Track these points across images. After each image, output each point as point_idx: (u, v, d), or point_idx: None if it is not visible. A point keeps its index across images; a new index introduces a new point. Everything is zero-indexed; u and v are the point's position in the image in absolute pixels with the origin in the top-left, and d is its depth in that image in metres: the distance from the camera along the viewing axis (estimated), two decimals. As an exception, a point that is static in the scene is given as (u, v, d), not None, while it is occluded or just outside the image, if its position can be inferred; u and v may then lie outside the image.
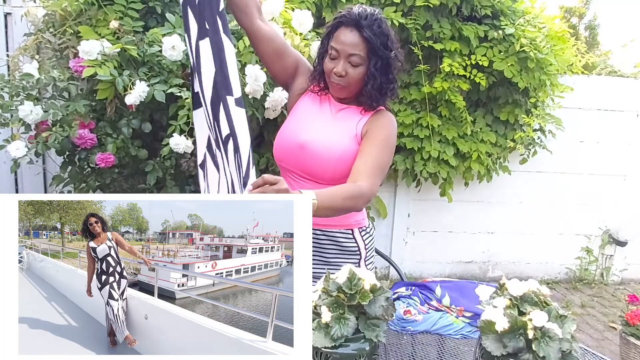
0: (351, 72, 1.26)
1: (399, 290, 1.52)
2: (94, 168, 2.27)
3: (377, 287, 0.96)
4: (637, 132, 3.70)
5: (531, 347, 0.85)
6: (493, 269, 3.84)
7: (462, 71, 2.89)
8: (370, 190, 1.18)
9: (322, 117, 1.35)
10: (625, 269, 3.90)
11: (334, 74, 1.28)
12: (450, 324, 1.37)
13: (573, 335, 0.87)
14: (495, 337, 0.89)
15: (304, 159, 1.31)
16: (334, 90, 1.32)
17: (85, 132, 1.93)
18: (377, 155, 1.25)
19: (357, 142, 1.30)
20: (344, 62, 1.25)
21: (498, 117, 3.20)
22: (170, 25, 1.91)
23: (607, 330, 3.08)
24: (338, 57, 1.26)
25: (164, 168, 2.25)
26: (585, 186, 3.75)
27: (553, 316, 0.88)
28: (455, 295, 1.45)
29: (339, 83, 1.28)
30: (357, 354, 0.92)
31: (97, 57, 1.75)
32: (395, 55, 1.29)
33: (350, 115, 1.35)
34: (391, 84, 1.32)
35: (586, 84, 3.58)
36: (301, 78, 1.42)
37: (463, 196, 3.59)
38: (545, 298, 0.93)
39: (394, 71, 1.31)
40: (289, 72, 1.42)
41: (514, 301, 0.93)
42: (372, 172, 1.22)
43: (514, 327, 0.87)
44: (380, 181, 1.25)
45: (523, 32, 2.81)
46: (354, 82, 1.28)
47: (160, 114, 2.12)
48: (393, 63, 1.29)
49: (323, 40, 1.34)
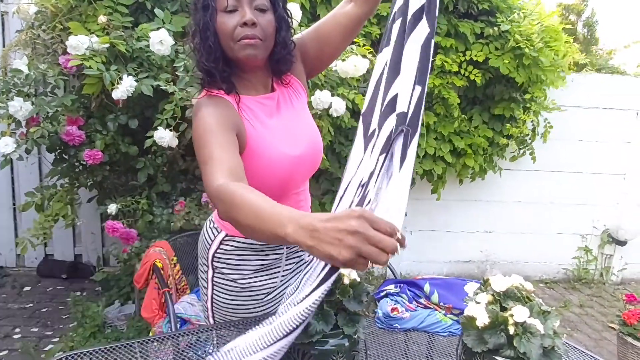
0: (262, 20, 0.97)
1: (388, 287, 1.50)
2: (85, 165, 2.26)
3: (357, 282, 0.94)
4: (636, 131, 3.66)
5: (512, 343, 0.83)
6: (491, 268, 3.81)
7: (456, 67, 2.87)
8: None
9: (286, 115, 1.09)
10: (625, 268, 3.86)
11: (241, 27, 0.95)
12: (438, 322, 1.35)
13: (556, 331, 0.85)
14: (476, 333, 0.87)
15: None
16: (246, 54, 0.97)
17: (74, 128, 1.92)
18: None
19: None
20: (249, 9, 0.95)
21: (494, 114, 3.18)
22: (160, 20, 1.89)
23: (605, 330, 3.04)
24: (237, 5, 0.95)
25: (156, 165, 2.24)
26: (585, 185, 3.72)
27: (535, 312, 0.85)
28: (444, 293, 1.43)
29: (253, 37, 0.95)
30: (336, 350, 0.90)
31: (85, 52, 1.74)
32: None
33: (292, 92, 1.12)
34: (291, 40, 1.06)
35: (585, 82, 3.55)
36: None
37: (461, 195, 3.56)
38: (528, 293, 0.90)
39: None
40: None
41: (496, 297, 0.91)
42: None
43: (494, 322, 0.85)
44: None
45: (518, 29, 2.79)
46: (269, 33, 0.98)
47: (152, 110, 2.11)
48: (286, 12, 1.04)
49: (198, 6, 0.97)
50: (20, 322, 2.64)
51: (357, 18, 1.09)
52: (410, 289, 1.48)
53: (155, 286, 1.79)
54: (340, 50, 1.17)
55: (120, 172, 2.42)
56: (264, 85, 1.08)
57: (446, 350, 1.27)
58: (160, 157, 2.24)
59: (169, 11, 2.04)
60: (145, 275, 1.82)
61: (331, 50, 1.15)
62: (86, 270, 3.26)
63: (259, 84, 1.07)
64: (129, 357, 0.99)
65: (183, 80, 1.76)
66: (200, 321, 1.74)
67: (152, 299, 1.78)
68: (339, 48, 1.15)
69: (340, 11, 1.10)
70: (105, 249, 3.26)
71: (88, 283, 3.15)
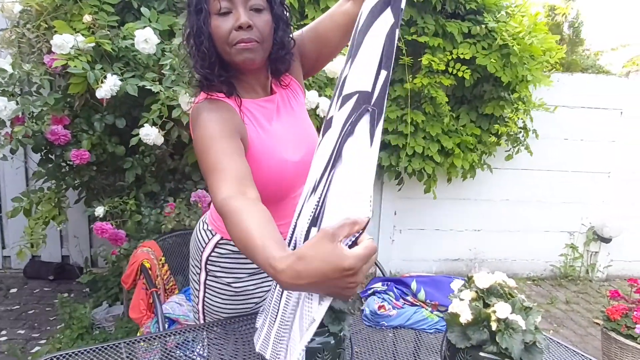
0: (258, 21, 0.92)
1: (375, 285, 1.51)
2: (72, 165, 2.24)
3: (342, 280, 0.95)
4: (621, 130, 3.72)
5: (495, 339, 0.84)
6: (479, 266, 3.85)
7: (443, 66, 2.90)
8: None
9: (286, 118, 1.07)
10: (610, 265, 3.93)
11: (236, 31, 0.90)
12: (424, 319, 1.36)
13: (537, 326, 0.86)
14: (460, 329, 0.88)
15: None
16: (243, 58, 0.93)
17: (59, 128, 1.90)
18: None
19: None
20: (243, 10, 0.90)
21: (483, 113, 3.21)
22: (146, 19, 1.88)
23: (590, 326, 3.09)
24: (231, 7, 0.91)
25: (144, 165, 2.22)
26: (571, 183, 3.77)
27: (517, 308, 0.87)
28: (430, 290, 1.44)
29: (250, 40, 0.91)
30: (322, 347, 0.91)
31: (70, 51, 1.72)
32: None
33: (290, 94, 1.10)
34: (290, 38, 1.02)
35: (571, 82, 3.60)
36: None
37: (449, 194, 3.59)
38: (511, 290, 0.92)
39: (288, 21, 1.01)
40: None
41: (480, 293, 0.92)
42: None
43: (477, 319, 0.86)
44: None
45: (505, 27, 2.82)
46: (267, 34, 0.94)
47: (139, 110, 2.10)
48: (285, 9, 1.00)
49: (191, 9, 0.93)
50: (6, 324, 2.61)
51: (356, 16, 1.07)
52: (398, 286, 1.49)
53: (143, 286, 1.78)
54: (339, 50, 1.15)
55: (108, 173, 2.40)
56: (263, 86, 1.05)
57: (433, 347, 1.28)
58: (148, 157, 2.22)
59: (155, 10, 2.03)
60: (133, 276, 1.81)
61: (330, 50, 1.13)
62: (73, 271, 3.22)
63: (258, 85, 1.04)
64: (116, 358, 0.99)
65: (169, 79, 1.75)
66: (189, 321, 1.74)
67: (139, 300, 1.77)
68: (338, 47, 1.13)
69: (338, 10, 1.08)
70: (93, 250, 3.24)
71: (75, 284, 3.12)
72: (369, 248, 0.60)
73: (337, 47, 1.13)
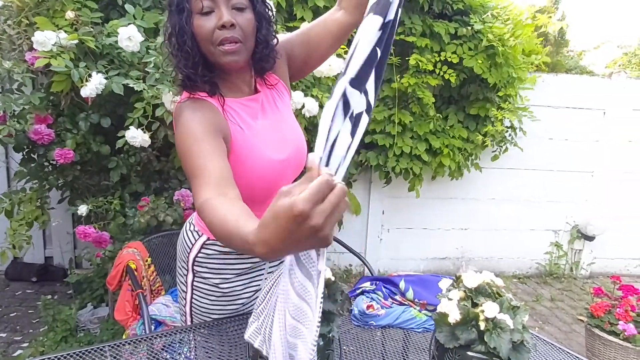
0: (241, 20, 0.92)
1: (364, 285, 1.51)
2: (55, 165, 2.20)
3: (331, 281, 0.94)
4: (604, 129, 3.79)
5: (483, 339, 0.84)
6: (466, 265, 3.86)
7: (431, 67, 2.91)
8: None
9: (271, 117, 1.06)
10: (593, 262, 3.99)
11: (219, 30, 0.90)
12: (412, 318, 1.36)
13: (525, 325, 0.87)
14: (448, 329, 0.88)
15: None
16: (227, 60, 0.93)
17: (42, 127, 1.86)
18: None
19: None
20: (226, 9, 0.91)
21: (470, 114, 3.24)
22: (131, 16, 1.85)
23: (575, 323, 3.14)
24: (213, 6, 0.91)
25: (129, 164, 2.19)
26: (555, 182, 3.82)
27: (505, 307, 0.87)
28: (418, 289, 1.45)
29: (233, 39, 0.91)
30: (310, 349, 0.90)
31: (52, 48, 1.68)
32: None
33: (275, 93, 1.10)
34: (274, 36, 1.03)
35: (555, 82, 3.65)
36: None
37: (437, 193, 3.62)
38: (499, 289, 0.92)
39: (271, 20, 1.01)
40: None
41: (468, 293, 0.92)
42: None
43: (466, 318, 0.86)
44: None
45: (490, 28, 2.85)
46: (249, 33, 0.94)
47: (124, 109, 2.06)
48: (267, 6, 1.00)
49: (173, 9, 0.93)
50: (-13, 327, 2.56)
51: (348, 25, 1.08)
52: (386, 286, 1.49)
53: (128, 288, 1.75)
54: (328, 56, 1.16)
55: (92, 172, 2.36)
56: (248, 85, 1.05)
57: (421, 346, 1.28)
58: (133, 157, 2.19)
59: (140, 7, 2.00)
60: (118, 277, 1.78)
61: (319, 56, 1.14)
62: (57, 272, 3.16)
63: (243, 84, 1.04)
64: (100, 362, 0.97)
65: (152, 77, 1.72)
66: (176, 323, 1.72)
67: (125, 301, 1.74)
68: (327, 53, 1.14)
69: (331, 18, 1.09)
70: (78, 251, 3.18)
71: (59, 286, 3.07)
72: (315, 185, 0.51)
73: (327, 53, 1.14)
